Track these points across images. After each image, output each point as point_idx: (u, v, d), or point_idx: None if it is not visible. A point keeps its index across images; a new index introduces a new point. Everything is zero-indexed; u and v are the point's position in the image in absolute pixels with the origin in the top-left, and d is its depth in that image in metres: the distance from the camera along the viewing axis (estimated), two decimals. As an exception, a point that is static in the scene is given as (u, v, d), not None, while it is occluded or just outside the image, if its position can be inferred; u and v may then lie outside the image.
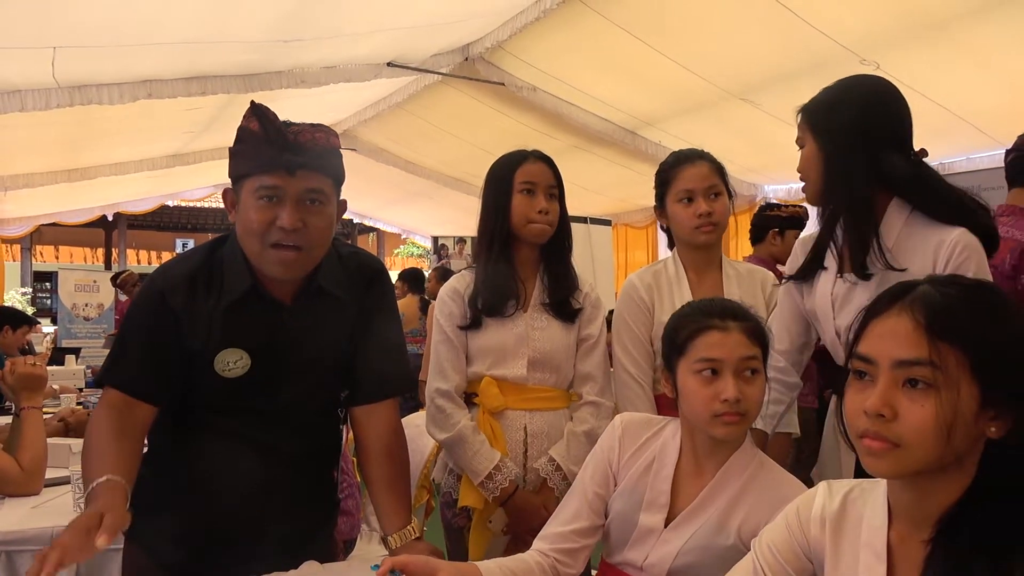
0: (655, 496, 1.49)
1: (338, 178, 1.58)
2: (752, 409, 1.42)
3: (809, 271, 1.87)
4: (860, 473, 1.30)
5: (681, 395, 1.47)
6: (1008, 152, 2.69)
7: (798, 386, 2.03)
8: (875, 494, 1.10)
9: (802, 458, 2.63)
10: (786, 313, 1.99)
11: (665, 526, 1.47)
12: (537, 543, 1.52)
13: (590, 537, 1.53)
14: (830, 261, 1.83)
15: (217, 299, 1.55)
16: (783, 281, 1.99)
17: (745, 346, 1.43)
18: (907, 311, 0.99)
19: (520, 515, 1.97)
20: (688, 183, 2.11)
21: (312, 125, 1.53)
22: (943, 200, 1.74)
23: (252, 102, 1.52)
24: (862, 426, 0.99)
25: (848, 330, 1.65)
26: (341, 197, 1.62)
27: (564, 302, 2.07)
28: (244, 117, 1.51)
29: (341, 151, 1.60)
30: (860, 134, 1.74)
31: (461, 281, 2.09)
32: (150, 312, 1.56)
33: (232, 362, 1.55)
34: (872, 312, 1.04)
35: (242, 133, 1.51)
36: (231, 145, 1.55)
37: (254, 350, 1.56)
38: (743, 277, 2.14)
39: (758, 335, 1.45)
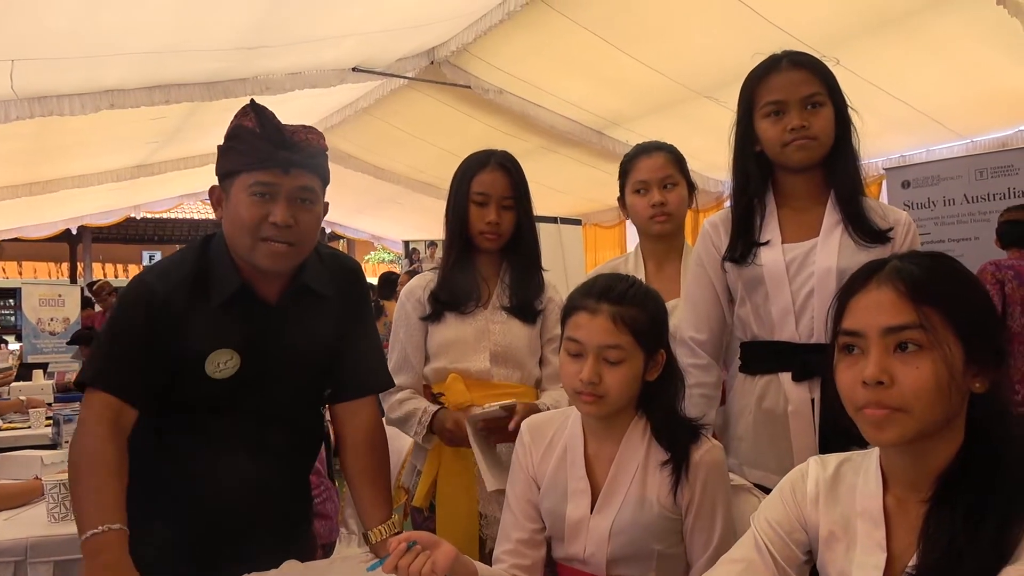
0: (576, 484, 1.52)
1: (325, 179, 1.62)
2: (611, 393, 1.44)
3: (747, 250, 1.80)
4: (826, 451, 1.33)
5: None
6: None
7: (721, 380, 1.93)
8: (867, 463, 1.14)
9: None
10: (705, 299, 1.90)
11: (592, 513, 1.49)
12: (495, 567, 1.52)
13: (537, 548, 1.55)
14: (772, 234, 1.78)
15: (207, 301, 1.55)
16: (723, 263, 1.86)
17: (608, 333, 1.43)
18: (887, 283, 1.05)
19: (444, 434, 1.96)
20: (643, 174, 2.20)
21: (304, 126, 1.57)
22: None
23: (252, 100, 1.55)
24: (861, 398, 1.04)
25: (809, 296, 1.70)
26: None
27: (525, 305, 2.06)
28: (239, 114, 1.54)
29: (327, 153, 1.63)
30: None
31: (421, 280, 2.12)
32: (147, 315, 1.52)
33: (222, 363, 1.55)
34: (849, 291, 1.10)
35: (236, 130, 1.53)
36: (218, 144, 1.57)
37: (244, 350, 1.57)
38: None
39: (629, 320, 1.44)
